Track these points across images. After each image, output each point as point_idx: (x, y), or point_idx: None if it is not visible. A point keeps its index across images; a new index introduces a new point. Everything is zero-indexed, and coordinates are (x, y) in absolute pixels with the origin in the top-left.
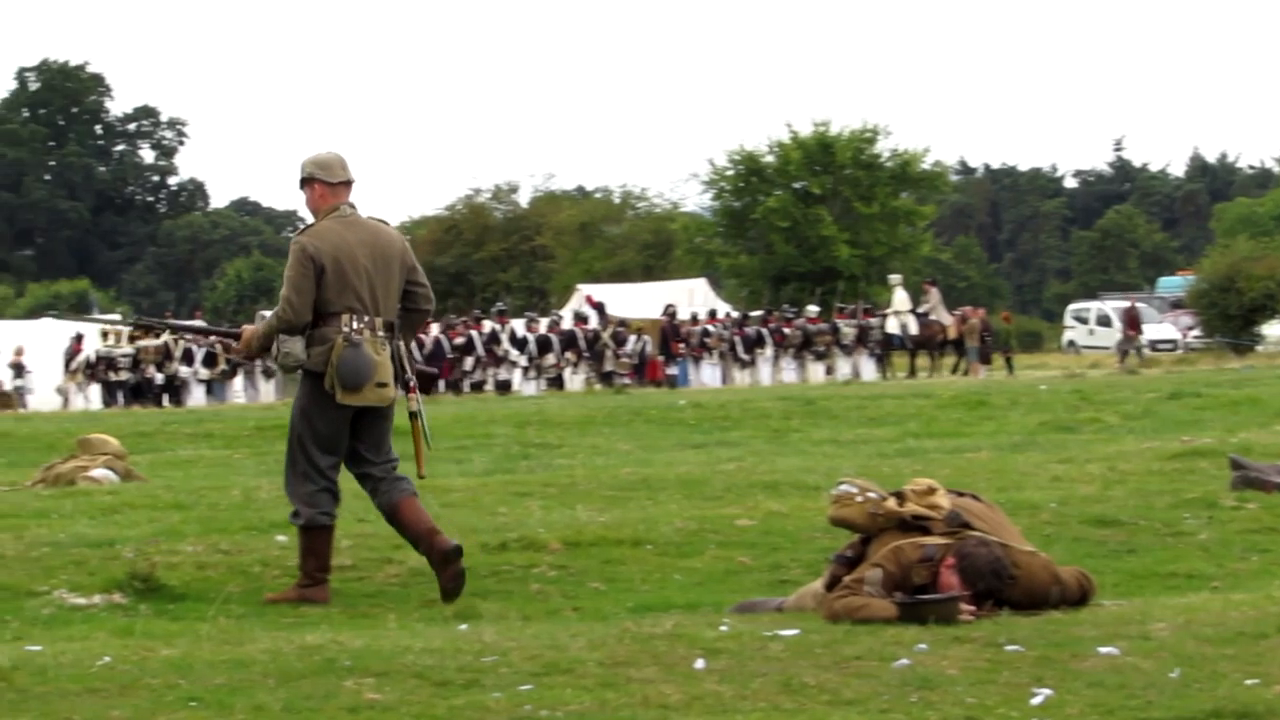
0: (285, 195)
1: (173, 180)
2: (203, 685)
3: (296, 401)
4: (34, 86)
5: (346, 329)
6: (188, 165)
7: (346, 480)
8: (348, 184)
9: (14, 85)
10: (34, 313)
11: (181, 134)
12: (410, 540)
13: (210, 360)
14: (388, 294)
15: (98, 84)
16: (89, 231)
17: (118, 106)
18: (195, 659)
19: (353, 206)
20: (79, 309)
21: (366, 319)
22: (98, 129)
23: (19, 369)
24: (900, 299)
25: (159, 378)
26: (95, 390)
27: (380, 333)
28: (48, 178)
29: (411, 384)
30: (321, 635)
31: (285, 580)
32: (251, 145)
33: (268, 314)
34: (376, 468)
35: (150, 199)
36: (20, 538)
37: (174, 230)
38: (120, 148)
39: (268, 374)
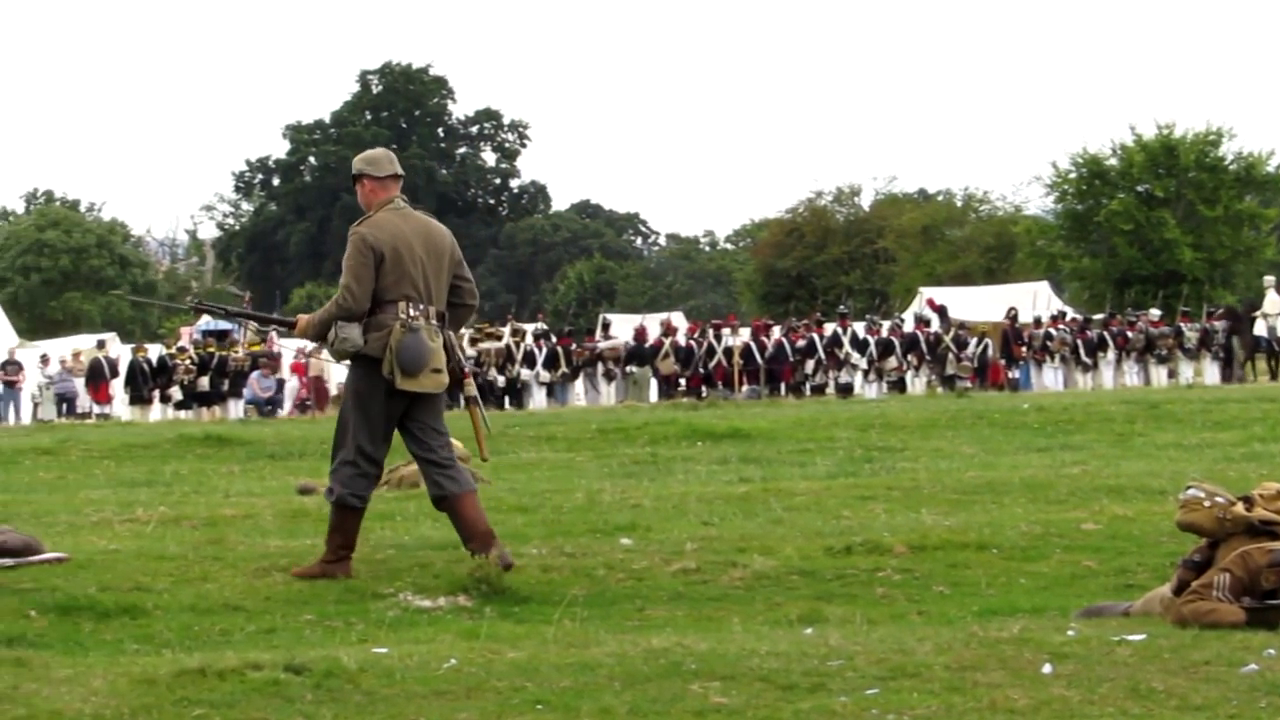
0: (626, 198)
1: (514, 183)
2: (549, 688)
3: (348, 387)
4: (376, 89)
5: (404, 316)
6: (529, 168)
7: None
8: (396, 177)
9: (356, 88)
10: None
11: (523, 137)
12: (461, 536)
13: (551, 363)
14: (439, 285)
15: (440, 87)
16: None
17: (460, 109)
18: (541, 662)
19: (404, 200)
20: None
21: (421, 307)
22: (440, 132)
23: None
24: (1272, 301)
25: (500, 380)
26: None
27: (433, 321)
28: None
29: (465, 370)
30: (667, 638)
31: (630, 584)
32: (593, 148)
33: (610, 316)
34: (434, 454)
35: (492, 202)
36: (365, 540)
37: (515, 233)
38: (462, 150)
39: (608, 377)
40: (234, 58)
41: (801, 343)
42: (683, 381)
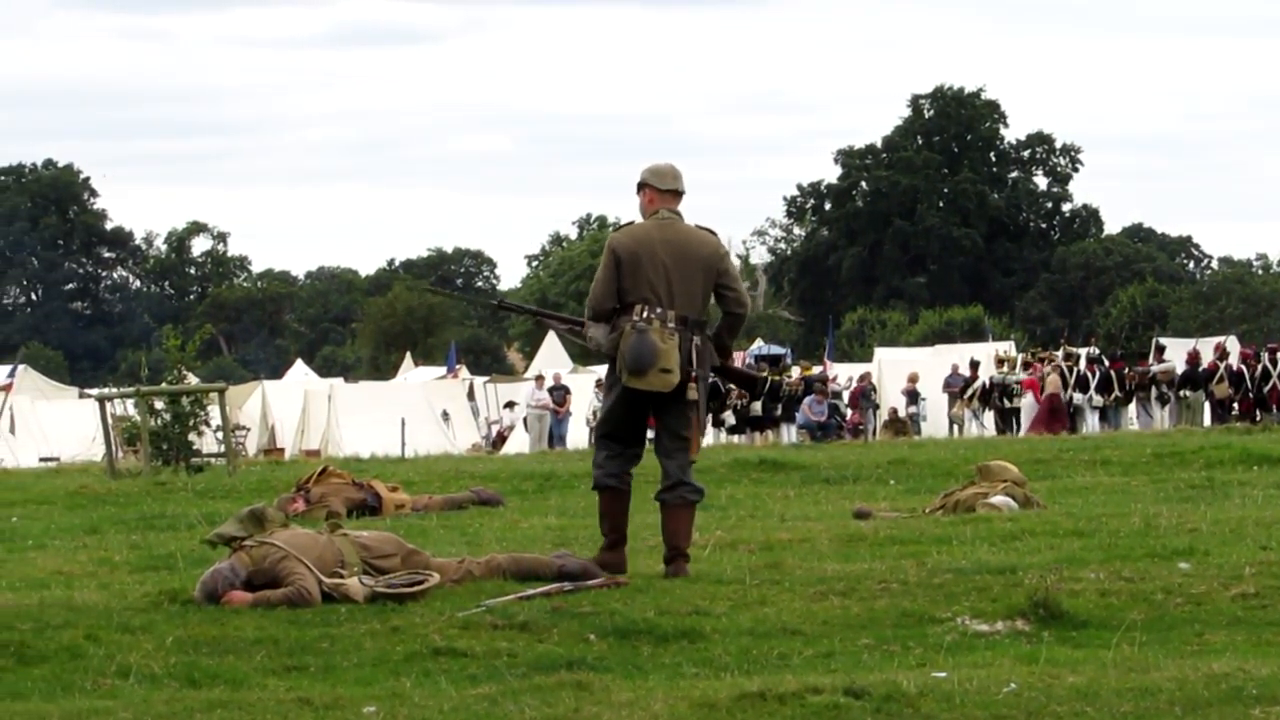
0: (1179, 221)
1: (1066, 207)
2: (1109, 712)
3: (606, 380)
4: (928, 114)
5: (636, 318)
6: (1081, 192)
7: None
8: (675, 193)
9: (908, 113)
10: (927, 340)
11: (1075, 161)
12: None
13: (1104, 387)
14: (686, 290)
15: (992, 111)
16: (982, 258)
17: (1012, 133)
18: (1101, 686)
19: (677, 214)
20: (976, 335)
21: (659, 310)
22: (991, 156)
23: (913, 396)
24: None
25: None
26: (989, 417)
27: (670, 324)
28: (941, 205)
29: (694, 375)
30: (1227, 663)
31: (1189, 608)
32: (1145, 171)
33: (1163, 340)
34: (670, 462)
35: (1044, 225)
36: (922, 564)
37: (1067, 257)
38: (1014, 175)
39: (1162, 401)
40: (787, 83)
41: None
42: (1236, 405)
